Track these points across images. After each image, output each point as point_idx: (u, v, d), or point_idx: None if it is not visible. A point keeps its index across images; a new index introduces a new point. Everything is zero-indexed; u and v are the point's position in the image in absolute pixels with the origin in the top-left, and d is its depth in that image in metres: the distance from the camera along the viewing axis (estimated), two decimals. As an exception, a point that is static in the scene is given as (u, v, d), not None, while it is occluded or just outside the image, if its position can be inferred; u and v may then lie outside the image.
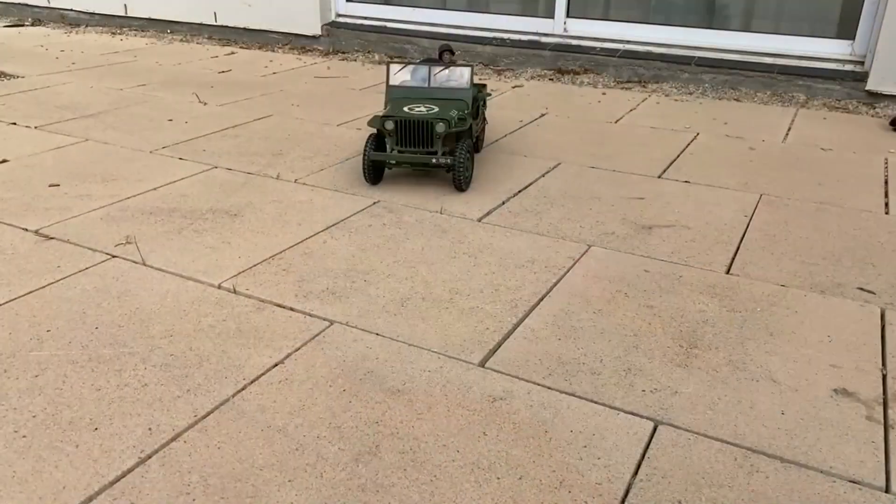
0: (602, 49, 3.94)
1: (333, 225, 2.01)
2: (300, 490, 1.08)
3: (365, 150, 2.22)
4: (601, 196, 2.24)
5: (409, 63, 2.35)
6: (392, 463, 1.13)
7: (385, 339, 1.46)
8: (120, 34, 5.28)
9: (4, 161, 2.52)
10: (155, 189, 2.27)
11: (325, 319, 1.53)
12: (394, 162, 2.20)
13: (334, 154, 2.62)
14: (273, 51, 4.68)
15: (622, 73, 3.85)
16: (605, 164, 2.53)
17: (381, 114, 2.18)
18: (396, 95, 2.35)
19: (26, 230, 1.96)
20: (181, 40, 5.04)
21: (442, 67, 2.33)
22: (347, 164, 2.51)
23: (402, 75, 2.34)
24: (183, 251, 1.84)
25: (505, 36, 4.20)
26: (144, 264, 1.77)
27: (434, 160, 2.16)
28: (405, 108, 2.19)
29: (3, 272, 1.73)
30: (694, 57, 3.74)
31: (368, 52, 4.56)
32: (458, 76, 2.32)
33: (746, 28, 3.71)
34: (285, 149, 2.68)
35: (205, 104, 3.32)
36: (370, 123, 2.19)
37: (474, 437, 1.19)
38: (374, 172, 2.27)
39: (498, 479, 1.10)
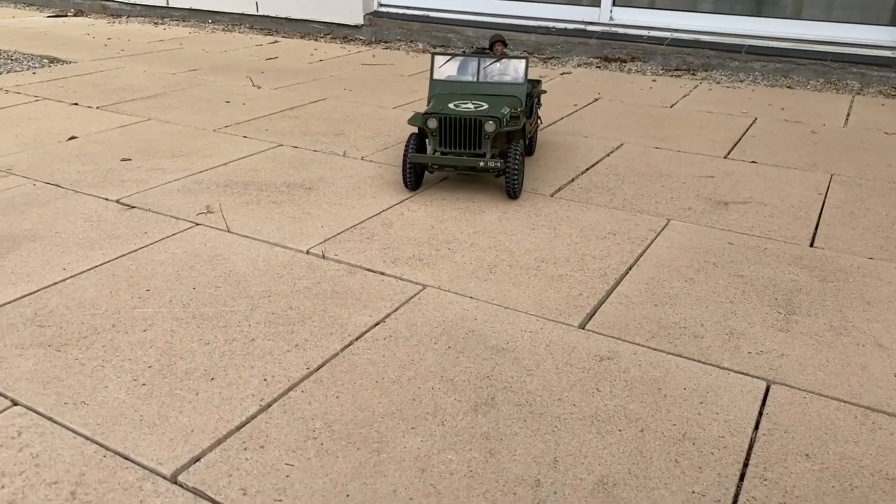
0: (649, 37, 3.93)
1: (407, 198, 2.02)
2: (424, 437, 1.09)
3: (405, 152, 1.98)
4: (670, 174, 2.24)
5: (456, 55, 2.13)
6: (510, 414, 1.14)
7: (480, 302, 1.47)
8: (162, 24, 5.34)
9: (73, 138, 2.56)
10: (225, 164, 2.30)
11: (417, 283, 1.55)
12: (436, 165, 1.96)
13: (394, 134, 2.63)
14: (316, 40, 4.71)
15: (670, 61, 3.84)
16: (668, 145, 2.53)
17: (422, 111, 2.01)
18: (441, 91, 2.12)
19: (107, 199, 1.99)
20: (223, 30, 5.09)
21: (493, 60, 2.11)
22: (410, 143, 2.52)
23: (448, 68, 2.12)
24: (265, 220, 1.86)
25: (550, 24, 4.20)
26: (229, 231, 1.80)
27: (482, 163, 1.90)
28: (450, 105, 1.96)
29: (93, 237, 1.75)
30: (744, 45, 3.72)
31: (411, 41, 4.58)
32: (512, 70, 2.09)
33: (798, 16, 3.68)
34: (346, 129, 2.70)
35: (259, 87, 3.35)
36: (411, 122, 1.97)
37: (588, 392, 1.19)
38: (415, 176, 2.03)
39: (619, 430, 1.11)
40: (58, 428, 1.10)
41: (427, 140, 2.01)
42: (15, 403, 1.15)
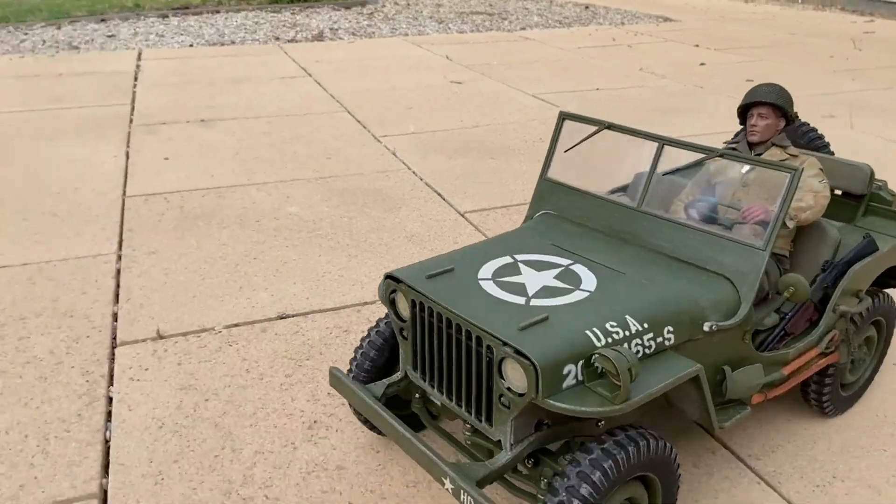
0: None
1: None
2: None
3: (351, 364, 0.97)
4: None
5: (635, 132, 0.93)
6: None
7: None
8: (751, 1, 5.82)
9: (703, 64, 3.20)
10: (838, 94, 2.63)
11: None
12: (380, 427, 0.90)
13: None
14: (916, 22, 4.57)
15: None
16: None
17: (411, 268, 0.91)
18: (551, 210, 1.00)
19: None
20: (813, 8, 5.30)
21: (695, 160, 0.98)
22: None
23: (585, 158, 0.96)
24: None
25: None
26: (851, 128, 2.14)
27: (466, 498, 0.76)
28: (484, 273, 0.87)
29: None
30: None
31: None
32: (761, 198, 0.90)
33: None
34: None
35: (860, 50, 3.53)
36: (381, 294, 0.92)
37: None
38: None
39: None
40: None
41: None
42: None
